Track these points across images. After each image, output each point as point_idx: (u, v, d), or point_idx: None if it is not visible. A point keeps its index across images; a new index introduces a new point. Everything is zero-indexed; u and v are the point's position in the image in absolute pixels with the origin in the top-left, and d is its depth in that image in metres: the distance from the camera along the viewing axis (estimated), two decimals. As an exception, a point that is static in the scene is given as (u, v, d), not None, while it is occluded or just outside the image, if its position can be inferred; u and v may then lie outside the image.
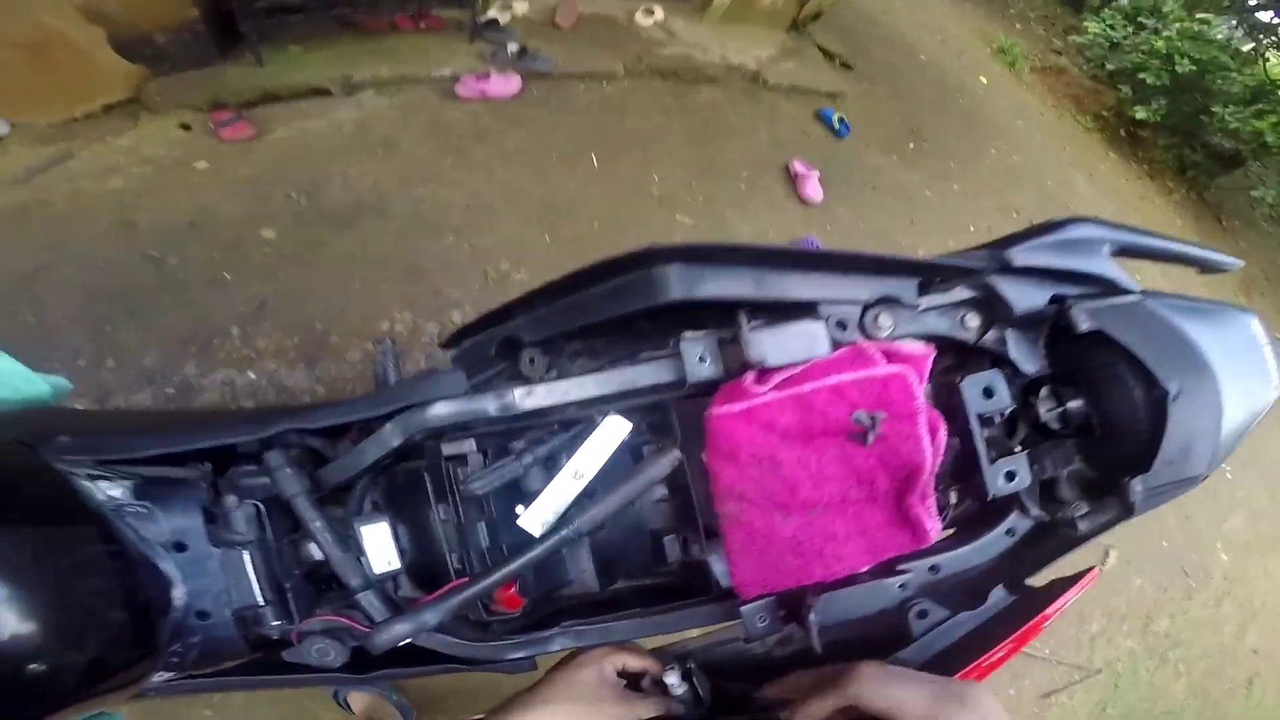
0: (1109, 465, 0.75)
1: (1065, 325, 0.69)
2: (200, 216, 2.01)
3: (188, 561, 0.68)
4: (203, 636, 0.68)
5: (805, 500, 0.70)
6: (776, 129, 2.92)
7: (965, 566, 0.81)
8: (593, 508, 0.66)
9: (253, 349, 1.80)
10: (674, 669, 0.79)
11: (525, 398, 0.70)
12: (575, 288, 0.69)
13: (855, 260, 0.67)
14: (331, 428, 0.72)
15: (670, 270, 0.63)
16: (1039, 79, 4.60)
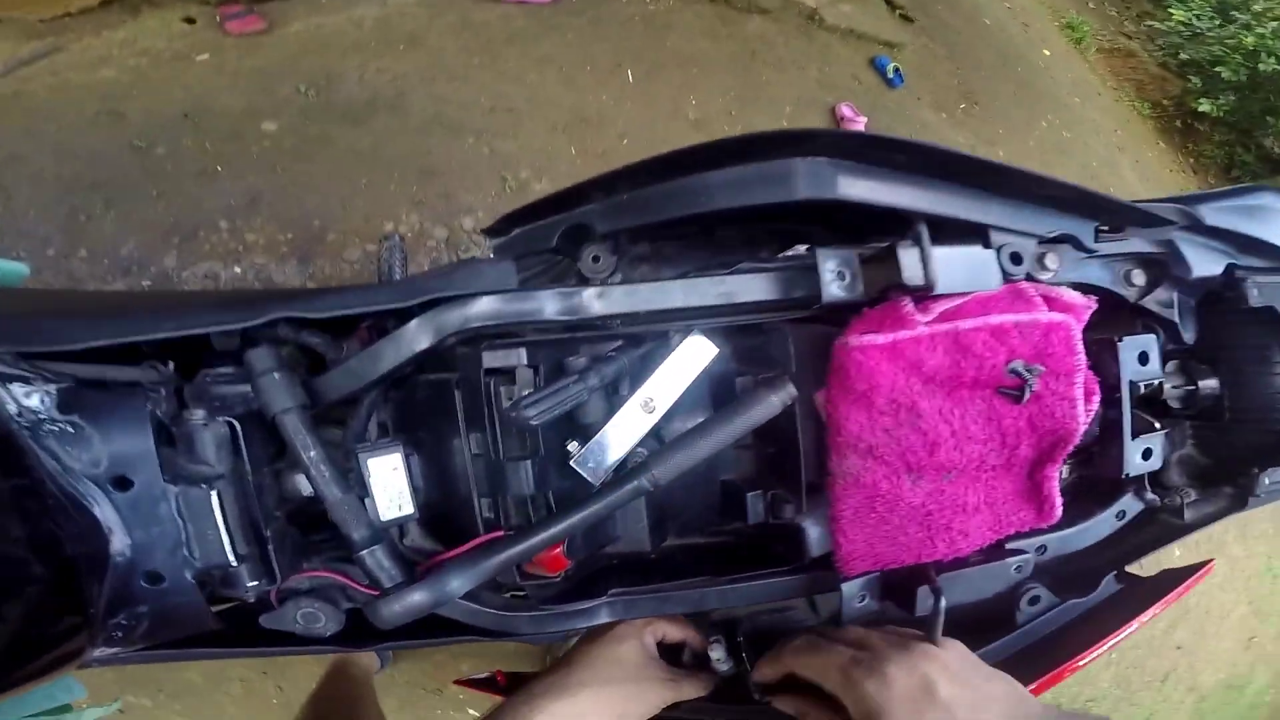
0: (1228, 453, 0.70)
1: (1231, 297, 0.63)
2: (196, 108, 1.76)
3: (132, 503, 0.48)
4: (153, 605, 0.50)
5: (943, 462, 0.54)
6: (828, 70, 2.70)
7: (1070, 549, 0.68)
8: (677, 452, 0.49)
9: (241, 242, 1.58)
10: (719, 641, 0.68)
11: (597, 300, 0.52)
12: (680, 170, 0.51)
13: (1045, 185, 0.52)
14: (336, 321, 0.54)
15: (823, 163, 0.48)
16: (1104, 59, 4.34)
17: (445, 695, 1.75)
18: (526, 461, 0.51)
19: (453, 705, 1.77)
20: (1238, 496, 0.70)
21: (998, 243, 0.53)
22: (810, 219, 0.66)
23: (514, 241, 0.59)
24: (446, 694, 1.75)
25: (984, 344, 0.52)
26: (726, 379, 0.59)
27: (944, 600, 0.53)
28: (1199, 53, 4.05)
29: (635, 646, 0.63)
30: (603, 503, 0.49)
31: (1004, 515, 0.59)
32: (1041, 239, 0.56)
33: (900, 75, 2.89)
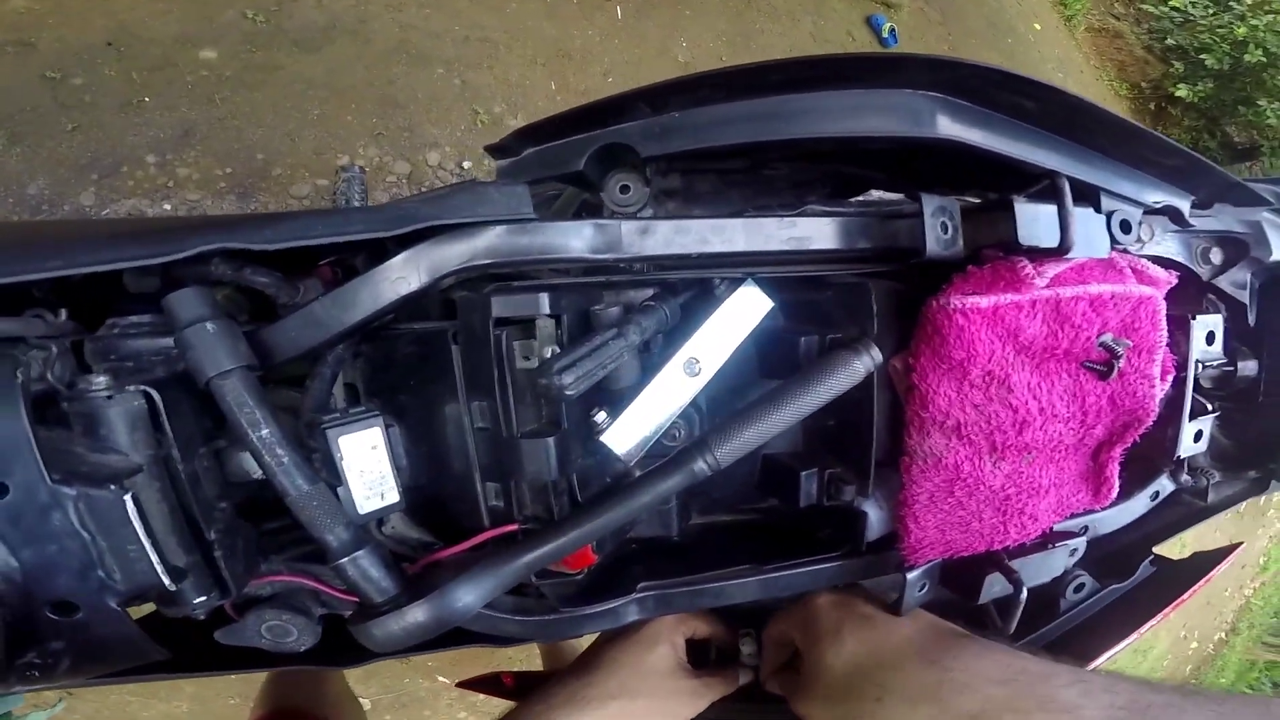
0: (1255, 437, 0.68)
1: None
2: (121, 36, 1.47)
3: (10, 514, 0.33)
4: (71, 640, 0.36)
5: (1028, 442, 0.44)
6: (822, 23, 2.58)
7: (1106, 530, 0.63)
8: (744, 427, 0.38)
9: (171, 177, 1.34)
10: (749, 636, 0.59)
11: (639, 236, 0.39)
12: (761, 88, 0.39)
13: (1170, 152, 0.48)
14: (288, 257, 0.39)
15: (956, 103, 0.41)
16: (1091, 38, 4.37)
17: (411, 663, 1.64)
18: (549, 439, 0.38)
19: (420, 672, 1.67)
20: (1260, 481, 0.69)
21: (1107, 208, 0.47)
22: (876, 164, 0.54)
23: (527, 163, 0.46)
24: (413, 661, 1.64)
25: (1082, 314, 0.44)
26: (775, 339, 0.47)
27: (1024, 590, 0.44)
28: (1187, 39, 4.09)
29: (667, 653, 0.53)
30: (652, 493, 0.38)
31: (1067, 497, 0.52)
32: (1148, 208, 0.51)
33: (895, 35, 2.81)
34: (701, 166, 0.53)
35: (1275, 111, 3.70)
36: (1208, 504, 0.69)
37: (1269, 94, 3.74)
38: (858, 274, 0.45)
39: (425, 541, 0.51)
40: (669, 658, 0.53)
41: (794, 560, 0.49)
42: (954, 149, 0.43)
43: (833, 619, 0.50)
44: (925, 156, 0.50)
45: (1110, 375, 0.46)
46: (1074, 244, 0.40)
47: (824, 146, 0.51)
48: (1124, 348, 0.46)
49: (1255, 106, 3.78)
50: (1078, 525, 0.59)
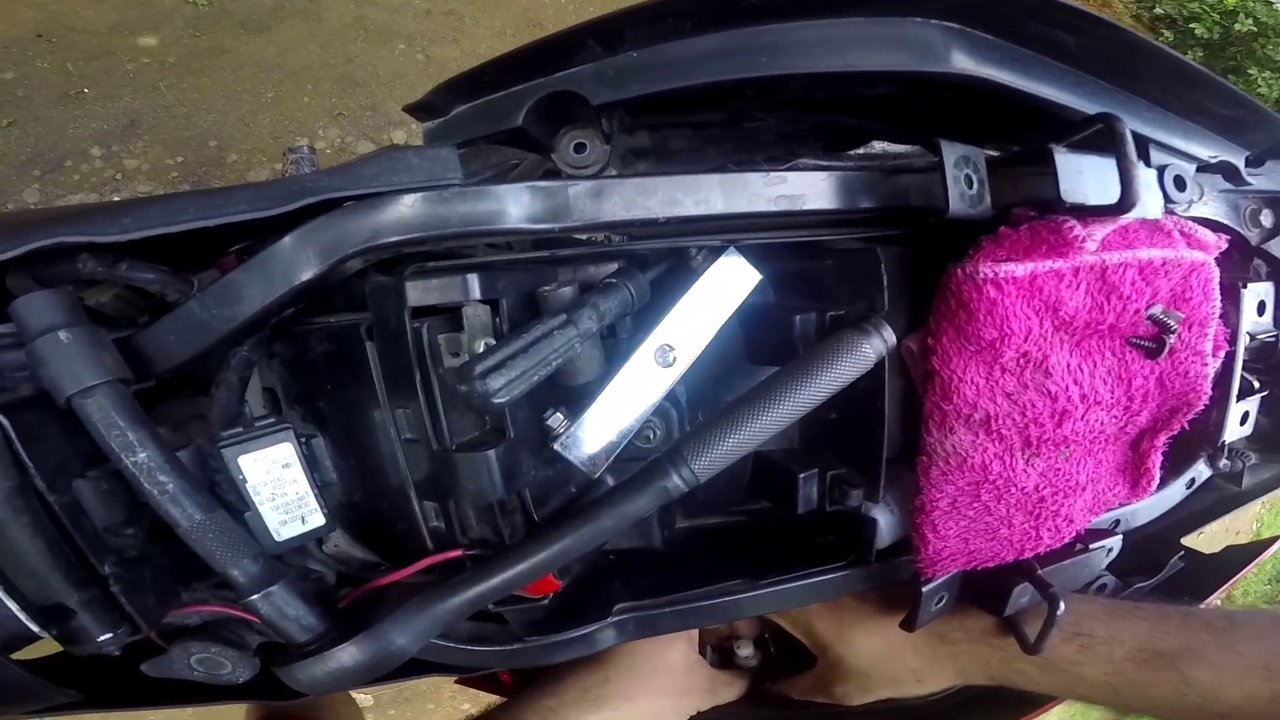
0: None
1: None
2: (52, 27, 1.37)
3: None
4: None
5: (1067, 434, 0.37)
6: None
7: (1139, 523, 0.56)
8: (725, 432, 0.30)
9: (119, 169, 1.24)
10: (742, 637, 0.57)
11: (590, 199, 0.31)
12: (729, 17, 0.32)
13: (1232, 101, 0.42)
14: (192, 245, 0.31)
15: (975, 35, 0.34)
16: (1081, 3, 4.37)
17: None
18: (489, 452, 0.31)
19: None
20: None
21: (1158, 162, 0.40)
22: (877, 114, 0.46)
23: (458, 123, 0.38)
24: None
25: (1131, 284, 0.36)
26: (766, 318, 0.40)
27: (1062, 607, 0.38)
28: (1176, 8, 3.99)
29: (684, 651, 0.50)
30: (616, 516, 0.30)
31: (1103, 492, 0.45)
32: (1202, 164, 0.43)
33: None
34: (673, 120, 0.46)
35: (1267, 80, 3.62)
36: (1242, 489, 0.62)
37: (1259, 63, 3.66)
38: (862, 239, 0.38)
39: (371, 561, 0.44)
40: (686, 654, 0.50)
41: (793, 573, 0.42)
42: (973, 90, 0.36)
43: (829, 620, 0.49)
44: (935, 103, 0.42)
45: (1161, 353, 0.39)
46: (1138, 201, 0.32)
47: (816, 93, 0.43)
48: (1176, 321, 0.38)
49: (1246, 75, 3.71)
50: (1109, 520, 0.52)
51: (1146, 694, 0.42)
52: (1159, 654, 0.41)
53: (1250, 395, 0.53)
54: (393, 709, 1.63)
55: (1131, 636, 0.43)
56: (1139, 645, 0.42)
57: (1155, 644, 0.42)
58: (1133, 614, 0.44)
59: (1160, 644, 0.42)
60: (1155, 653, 0.42)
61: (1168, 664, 0.41)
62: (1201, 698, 0.40)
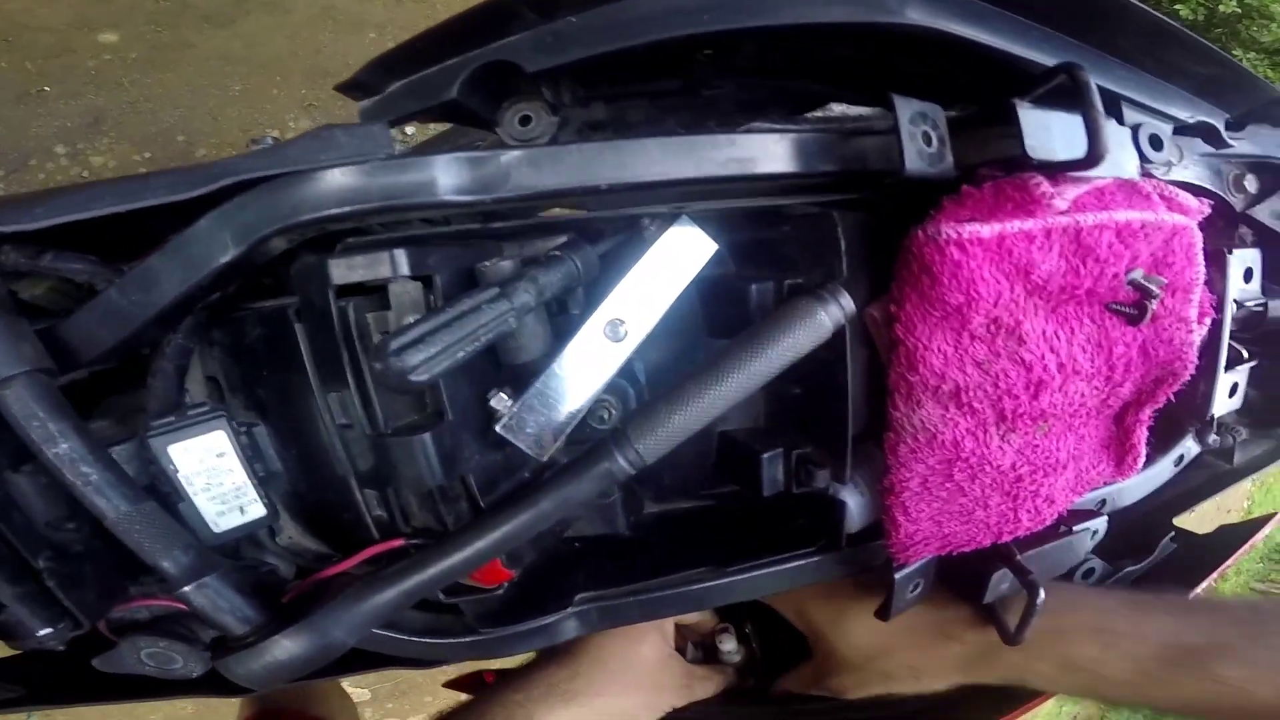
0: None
1: None
2: (7, 27, 1.35)
3: None
4: None
5: (1044, 408, 0.36)
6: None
7: (1126, 503, 0.54)
8: (672, 409, 0.28)
9: (85, 167, 1.23)
10: (728, 631, 0.55)
11: (525, 168, 0.29)
12: None
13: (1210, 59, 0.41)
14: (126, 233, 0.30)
15: None
16: None
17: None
18: (424, 436, 0.29)
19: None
20: None
21: (1132, 121, 0.39)
22: (836, 78, 0.45)
23: (392, 100, 0.36)
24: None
25: (1108, 246, 0.34)
26: (723, 289, 0.38)
27: (1042, 595, 0.37)
28: None
29: (657, 645, 0.48)
30: (555, 501, 0.29)
31: (1086, 471, 0.43)
32: (1179, 125, 0.42)
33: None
34: (629, 90, 0.44)
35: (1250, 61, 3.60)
36: (1233, 466, 0.60)
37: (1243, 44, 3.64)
38: (820, 204, 0.36)
39: (324, 553, 0.43)
40: (659, 649, 0.48)
41: (761, 559, 0.41)
42: (931, 46, 0.34)
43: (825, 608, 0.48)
44: (894, 65, 0.41)
45: (1142, 319, 0.37)
46: (1106, 153, 0.31)
47: (773, 55, 0.42)
48: (1158, 285, 0.37)
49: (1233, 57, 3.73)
50: (1094, 500, 0.51)
51: (1176, 694, 0.40)
52: (1187, 651, 0.39)
53: (1238, 365, 0.51)
54: (390, 702, 1.63)
55: (1156, 633, 0.40)
56: (1165, 642, 0.40)
57: (1182, 640, 0.40)
58: (1156, 608, 0.42)
59: (1188, 640, 0.39)
60: (1183, 650, 0.39)
61: (1197, 662, 0.39)
62: (1236, 697, 0.38)
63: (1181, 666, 0.39)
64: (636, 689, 0.47)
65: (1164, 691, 0.40)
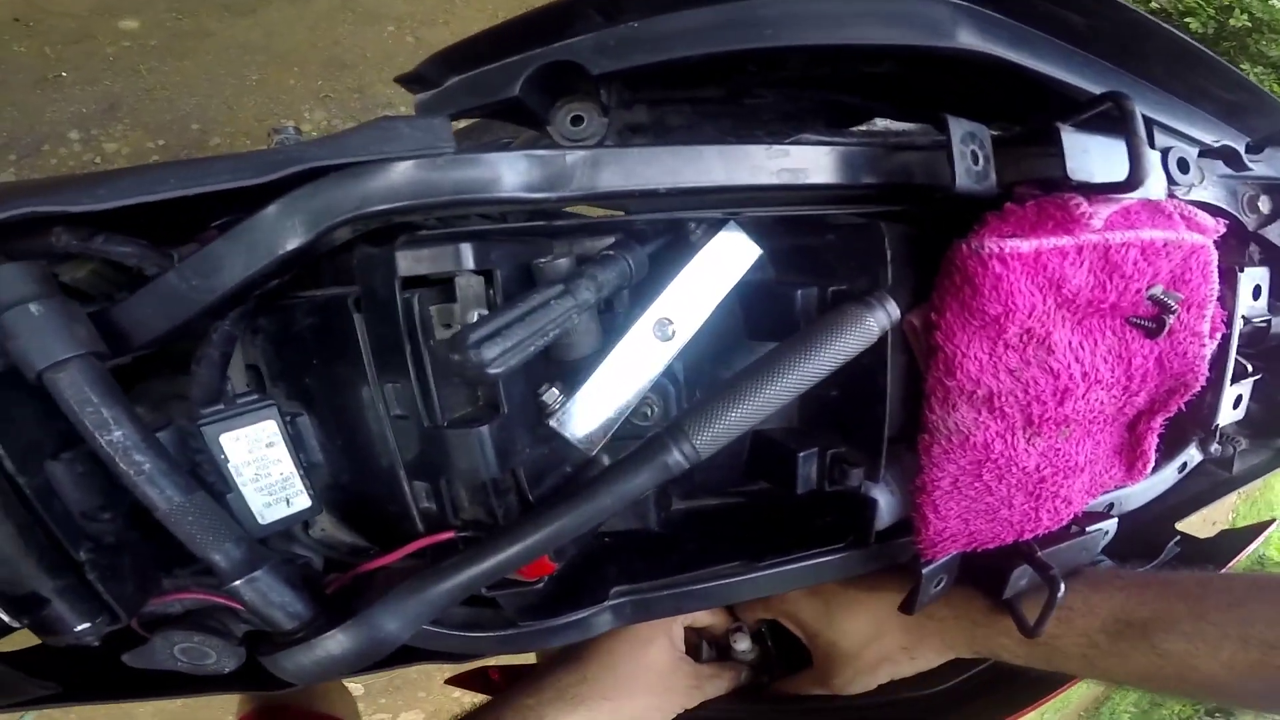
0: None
1: None
2: (30, 11, 1.32)
3: None
4: None
5: (1068, 414, 0.37)
6: None
7: (1133, 507, 0.56)
8: (728, 406, 0.29)
9: (99, 153, 1.21)
10: (741, 630, 0.55)
11: (589, 168, 0.30)
12: None
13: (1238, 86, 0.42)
14: (172, 219, 0.30)
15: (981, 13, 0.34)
16: None
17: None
18: (482, 429, 0.30)
19: None
20: None
21: (1162, 144, 0.40)
22: (877, 92, 0.46)
23: (451, 94, 0.36)
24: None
25: (1134, 263, 0.36)
26: (765, 294, 0.39)
27: (1062, 589, 0.37)
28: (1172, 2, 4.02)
29: (665, 648, 0.48)
30: (615, 495, 0.29)
31: (1100, 474, 0.45)
32: (1205, 148, 0.43)
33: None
34: (672, 96, 0.44)
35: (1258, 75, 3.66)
36: (1233, 475, 0.62)
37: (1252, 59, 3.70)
38: (864, 214, 0.37)
39: (359, 546, 0.43)
40: (668, 652, 0.48)
41: (791, 554, 0.42)
42: (978, 68, 0.35)
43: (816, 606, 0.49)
44: (938, 82, 0.42)
45: (1160, 333, 0.38)
46: (1146, 177, 0.32)
47: (817, 69, 0.43)
48: (1176, 301, 0.38)
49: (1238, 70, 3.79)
50: (1104, 504, 0.52)
51: (1123, 666, 0.41)
52: (1131, 625, 0.41)
53: (1243, 379, 0.52)
54: (383, 697, 1.62)
55: (1106, 608, 0.42)
56: (1113, 616, 0.41)
57: (1129, 615, 0.41)
58: (1111, 584, 0.44)
59: (1133, 614, 0.41)
60: (1128, 624, 0.41)
61: (1140, 635, 0.40)
62: (1177, 668, 0.39)
63: (1126, 640, 0.40)
64: (645, 692, 0.47)
65: (1112, 664, 0.41)
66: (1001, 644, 0.44)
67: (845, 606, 0.47)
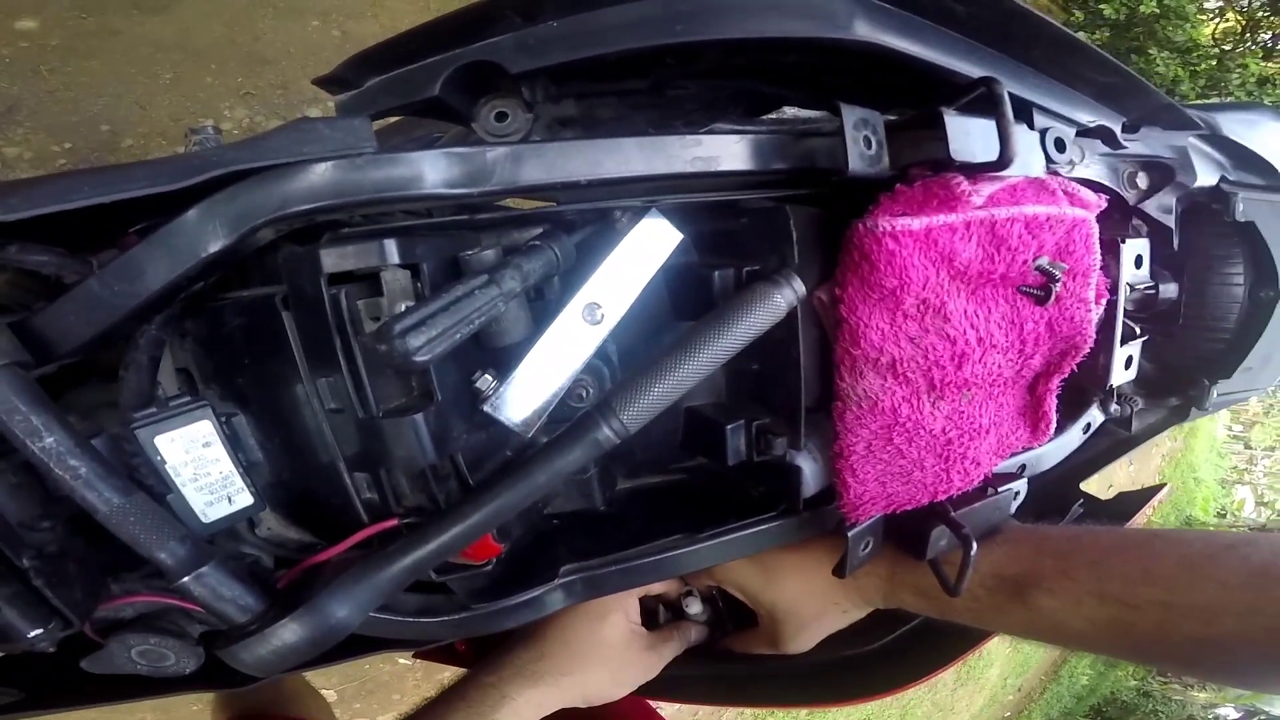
0: (1175, 361, 0.68)
1: (1215, 209, 0.60)
2: None
3: None
4: None
5: (966, 377, 0.41)
6: None
7: (1042, 468, 0.62)
8: (652, 382, 0.32)
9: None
10: (692, 594, 0.59)
11: (509, 163, 0.32)
12: None
13: (1107, 69, 0.46)
14: (92, 226, 0.30)
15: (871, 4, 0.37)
16: None
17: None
18: (416, 417, 0.32)
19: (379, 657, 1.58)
20: (1181, 408, 0.69)
21: (1040, 125, 0.44)
22: (790, 81, 0.49)
23: (371, 95, 0.38)
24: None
25: (1019, 236, 0.40)
26: (688, 276, 0.42)
27: (975, 548, 0.42)
28: None
29: (620, 622, 0.51)
30: (549, 471, 0.32)
31: (1006, 436, 0.49)
32: (1081, 128, 0.48)
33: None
34: (599, 89, 0.47)
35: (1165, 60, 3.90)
36: (1132, 434, 0.68)
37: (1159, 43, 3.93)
38: (774, 198, 0.40)
39: (306, 542, 0.44)
40: (622, 626, 0.51)
41: (729, 525, 0.45)
42: (873, 57, 0.38)
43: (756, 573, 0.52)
44: (840, 72, 0.45)
45: (1048, 300, 0.43)
46: (1015, 156, 0.36)
47: (733, 61, 0.45)
48: (1061, 270, 0.43)
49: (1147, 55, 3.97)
50: (1015, 465, 0.57)
51: (1003, 620, 0.44)
52: (1005, 580, 0.43)
53: (1132, 340, 0.58)
54: (357, 702, 1.61)
55: (987, 564, 0.44)
56: (990, 572, 0.44)
57: (1003, 570, 0.43)
58: (994, 540, 0.46)
59: (1007, 570, 0.43)
60: (1002, 579, 0.43)
61: (1014, 590, 0.42)
62: (1049, 623, 0.41)
63: (1002, 594, 0.43)
64: (601, 665, 0.50)
65: (994, 617, 0.44)
66: (903, 598, 0.48)
67: (781, 569, 0.51)
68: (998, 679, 4.75)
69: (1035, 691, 5.53)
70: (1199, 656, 0.38)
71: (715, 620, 0.59)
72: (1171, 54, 3.82)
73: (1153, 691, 6.50)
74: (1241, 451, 8.66)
